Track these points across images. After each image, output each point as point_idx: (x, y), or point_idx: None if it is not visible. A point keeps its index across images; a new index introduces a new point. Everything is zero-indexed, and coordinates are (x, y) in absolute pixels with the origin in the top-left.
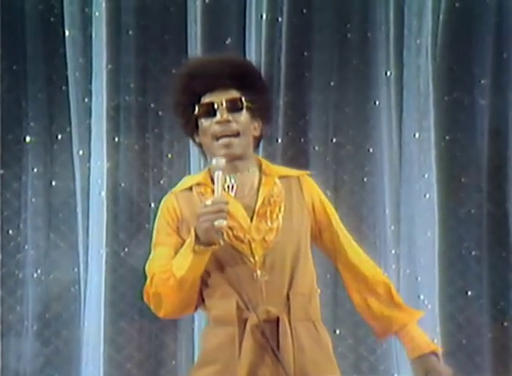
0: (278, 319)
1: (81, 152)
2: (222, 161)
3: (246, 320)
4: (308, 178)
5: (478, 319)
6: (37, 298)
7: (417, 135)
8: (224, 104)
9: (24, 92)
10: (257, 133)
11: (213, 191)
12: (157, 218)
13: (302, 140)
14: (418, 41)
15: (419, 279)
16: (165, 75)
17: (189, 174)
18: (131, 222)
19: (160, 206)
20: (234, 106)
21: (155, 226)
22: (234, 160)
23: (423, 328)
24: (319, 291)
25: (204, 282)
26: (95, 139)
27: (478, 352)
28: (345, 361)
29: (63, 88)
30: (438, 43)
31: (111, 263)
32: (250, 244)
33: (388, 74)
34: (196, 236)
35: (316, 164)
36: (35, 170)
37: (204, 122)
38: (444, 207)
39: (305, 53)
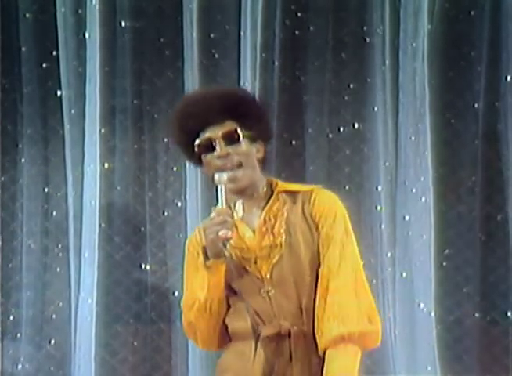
0: (289, 333)
1: (74, 155)
2: (224, 176)
3: (261, 333)
4: (323, 191)
5: (476, 321)
6: (31, 302)
7: (413, 138)
8: (221, 138)
9: (20, 95)
10: (260, 155)
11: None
12: (185, 255)
13: (296, 141)
14: (414, 45)
15: (414, 282)
16: (161, 78)
17: (185, 177)
18: (127, 225)
19: (187, 243)
20: (231, 139)
21: (184, 264)
22: (241, 193)
23: (419, 332)
24: None
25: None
26: (89, 143)
27: (474, 354)
28: None
29: (57, 90)
30: (434, 46)
31: (105, 266)
32: (255, 262)
33: (385, 76)
34: (205, 253)
35: (312, 166)
36: (29, 173)
37: (207, 158)
38: (440, 210)
39: (301, 56)
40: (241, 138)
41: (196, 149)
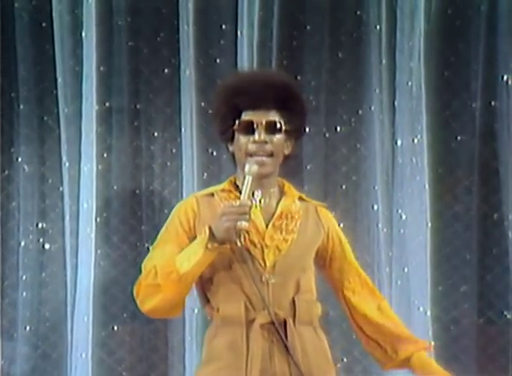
0: (285, 322)
1: (70, 154)
2: (255, 167)
3: (253, 321)
4: (325, 209)
5: (473, 321)
6: (27, 302)
7: (410, 137)
8: (263, 125)
9: (16, 94)
10: (288, 152)
11: (236, 197)
12: (171, 217)
13: None
14: (410, 44)
15: (411, 281)
16: (157, 77)
17: (182, 177)
18: (123, 225)
19: (179, 206)
20: (272, 129)
21: (166, 223)
22: (262, 178)
23: (415, 332)
24: (318, 304)
25: (212, 281)
26: (85, 142)
27: (471, 353)
28: (339, 364)
29: (53, 90)
30: (430, 46)
31: (103, 266)
32: (262, 249)
33: (381, 76)
34: (211, 233)
35: (309, 165)
36: (25, 172)
37: (241, 138)
38: (437, 209)
39: (297, 55)
40: (282, 130)
41: (235, 126)
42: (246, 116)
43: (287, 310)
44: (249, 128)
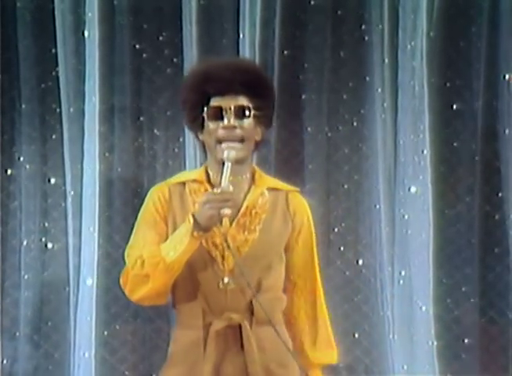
0: (240, 325)
1: (73, 153)
2: (233, 152)
3: (210, 324)
4: (298, 195)
5: (475, 320)
6: (29, 301)
7: (412, 136)
8: (232, 110)
9: (18, 93)
10: (258, 138)
11: (206, 190)
12: (146, 203)
13: (295, 140)
14: (413, 43)
15: (413, 281)
16: (160, 76)
17: None
18: (126, 224)
19: (151, 193)
20: (241, 113)
21: (142, 209)
22: (233, 164)
23: (418, 331)
24: (284, 296)
25: (175, 283)
26: (88, 141)
27: (473, 353)
28: (340, 363)
29: (55, 89)
30: (433, 45)
31: (105, 265)
32: (223, 251)
33: (383, 75)
34: (195, 222)
35: (311, 165)
36: (27, 171)
37: (211, 124)
38: (439, 209)
39: (299, 54)
40: (251, 115)
41: (204, 112)
42: (214, 102)
43: (244, 313)
44: (218, 114)
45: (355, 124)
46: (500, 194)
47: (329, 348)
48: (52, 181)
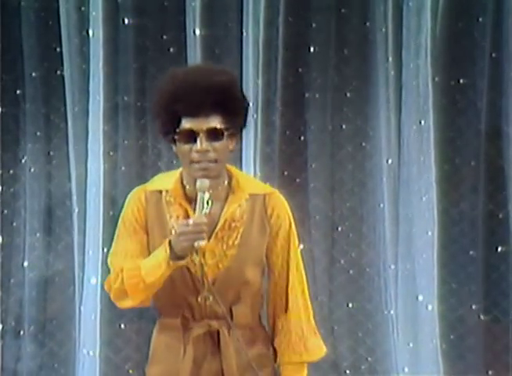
0: (218, 332)
1: (77, 152)
2: (206, 182)
3: (190, 329)
4: (275, 196)
5: (479, 319)
6: (33, 300)
7: (416, 135)
8: (204, 132)
9: (22, 92)
10: (232, 147)
11: (180, 205)
12: (125, 210)
13: (299, 139)
14: (417, 42)
15: (417, 279)
16: (164, 75)
17: None
18: None
19: (129, 200)
20: (214, 136)
21: (122, 215)
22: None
23: (421, 329)
24: (262, 298)
25: (156, 292)
26: (92, 140)
27: (476, 352)
28: (345, 362)
29: (60, 88)
30: (437, 43)
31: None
32: (202, 267)
33: (388, 74)
34: (171, 249)
35: (314, 163)
36: (32, 170)
37: (183, 146)
38: (443, 207)
39: (303, 53)
40: (224, 136)
41: (176, 136)
42: (186, 123)
43: (223, 319)
44: (190, 137)
45: (358, 122)
46: (504, 193)
47: (302, 349)
48: (57, 180)
